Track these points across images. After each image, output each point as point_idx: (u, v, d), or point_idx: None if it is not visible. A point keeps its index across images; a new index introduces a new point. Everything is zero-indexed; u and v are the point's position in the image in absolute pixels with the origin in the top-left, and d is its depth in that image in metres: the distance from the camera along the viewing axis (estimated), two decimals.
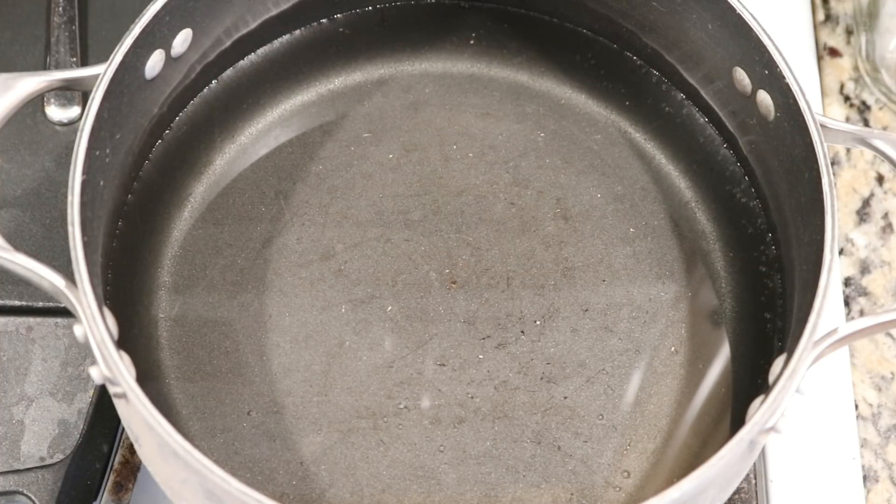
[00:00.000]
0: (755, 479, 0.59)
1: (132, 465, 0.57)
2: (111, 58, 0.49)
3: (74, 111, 0.62)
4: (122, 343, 0.46)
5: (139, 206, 0.55)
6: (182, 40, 0.53)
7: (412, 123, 0.59)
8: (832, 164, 0.67)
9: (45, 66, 0.63)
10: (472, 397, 0.52)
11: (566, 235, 0.56)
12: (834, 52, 0.73)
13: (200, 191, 0.57)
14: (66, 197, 0.46)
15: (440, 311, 0.54)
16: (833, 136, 0.51)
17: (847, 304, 0.65)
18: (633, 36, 0.60)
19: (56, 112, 0.62)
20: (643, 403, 0.52)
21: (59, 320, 0.57)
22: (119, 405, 0.47)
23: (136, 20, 0.50)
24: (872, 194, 0.68)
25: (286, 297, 0.54)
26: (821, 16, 0.74)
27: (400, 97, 0.60)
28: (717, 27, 0.54)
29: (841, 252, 0.66)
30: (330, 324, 0.54)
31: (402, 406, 0.52)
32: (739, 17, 0.53)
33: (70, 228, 0.45)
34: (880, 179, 0.68)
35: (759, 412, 0.44)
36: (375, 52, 0.61)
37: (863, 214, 0.67)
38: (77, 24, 0.64)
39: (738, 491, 0.58)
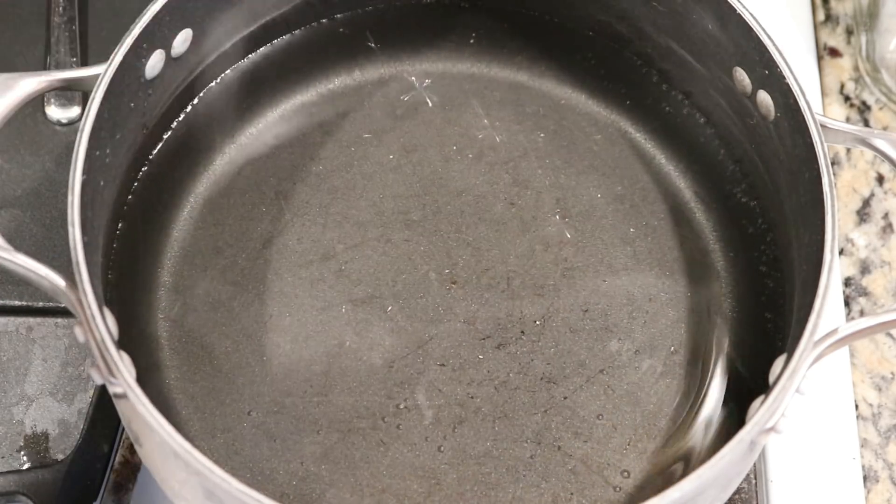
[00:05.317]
0: (755, 479, 0.59)
1: (132, 465, 0.57)
2: (111, 58, 0.49)
3: (74, 111, 0.62)
4: (122, 343, 0.46)
5: (139, 206, 0.55)
6: (182, 40, 0.53)
7: (412, 124, 0.59)
8: (832, 164, 0.67)
9: (45, 66, 0.63)
10: (472, 397, 0.52)
11: (566, 235, 0.56)
12: (834, 52, 0.73)
13: (200, 191, 0.57)
14: (66, 197, 0.46)
15: (440, 311, 0.54)
16: (833, 136, 0.51)
17: (847, 304, 0.65)
18: (633, 36, 0.59)
19: (56, 112, 0.62)
20: (643, 403, 0.52)
21: (59, 320, 0.57)
22: (119, 405, 0.47)
23: (136, 20, 0.50)
24: (872, 194, 0.68)
25: (286, 298, 0.54)
26: (821, 16, 0.74)
27: (400, 97, 0.60)
28: (717, 27, 0.54)
29: (841, 252, 0.66)
30: (330, 324, 0.54)
31: (402, 406, 0.52)
32: (739, 17, 0.52)
33: (70, 228, 0.45)
34: (880, 179, 0.68)
35: (760, 412, 0.44)
36: (375, 52, 0.61)
37: (863, 214, 0.67)
38: (77, 24, 0.64)
39: (738, 491, 0.58)
